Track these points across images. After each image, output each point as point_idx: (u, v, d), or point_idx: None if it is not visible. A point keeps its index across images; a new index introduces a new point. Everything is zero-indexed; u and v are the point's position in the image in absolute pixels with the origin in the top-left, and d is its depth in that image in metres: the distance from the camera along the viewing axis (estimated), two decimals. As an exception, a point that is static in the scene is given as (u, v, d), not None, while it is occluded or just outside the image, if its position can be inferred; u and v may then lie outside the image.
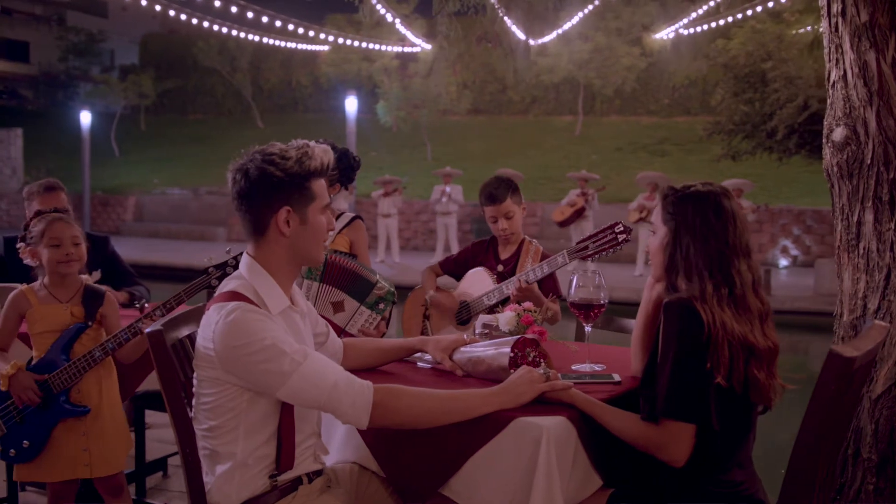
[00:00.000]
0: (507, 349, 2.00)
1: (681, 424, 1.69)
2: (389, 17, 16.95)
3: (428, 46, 22.05)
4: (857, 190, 2.34)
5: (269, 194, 1.77)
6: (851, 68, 2.34)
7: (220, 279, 2.56)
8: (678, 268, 1.85)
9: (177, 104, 27.93)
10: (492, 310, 3.17)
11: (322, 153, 1.83)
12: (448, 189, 14.07)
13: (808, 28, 12.16)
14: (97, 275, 3.76)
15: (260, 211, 1.79)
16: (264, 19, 15.21)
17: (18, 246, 2.76)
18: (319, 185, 1.84)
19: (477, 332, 2.41)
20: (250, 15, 14.82)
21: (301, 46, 20.77)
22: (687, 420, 1.69)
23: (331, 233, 3.23)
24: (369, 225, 17.84)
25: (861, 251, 2.34)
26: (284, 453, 1.79)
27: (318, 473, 1.92)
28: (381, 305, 2.86)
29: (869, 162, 2.30)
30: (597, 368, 2.19)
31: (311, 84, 26.04)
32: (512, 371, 1.98)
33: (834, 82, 2.43)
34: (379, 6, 15.96)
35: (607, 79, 21.35)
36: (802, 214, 14.23)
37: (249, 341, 1.67)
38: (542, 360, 2.02)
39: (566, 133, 22.91)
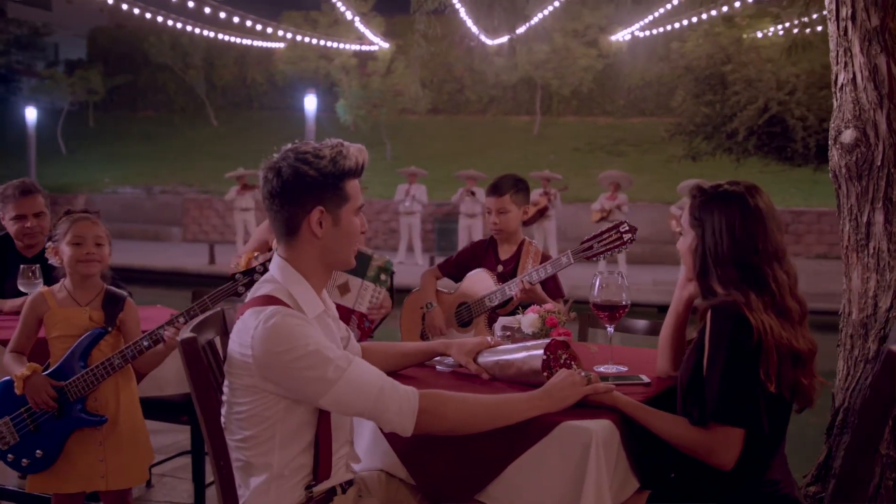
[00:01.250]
0: (539, 352, 1.98)
1: (731, 429, 1.69)
2: (349, 16, 16.80)
3: (386, 45, 21.94)
4: (867, 191, 2.39)
5: (302, 194, 1.71)
6: (861, 71, 2.39)
7: (248, 286, 2.47)
8: (711, 274, 1.84)
9: (127, 100, 27.15)
10: (493, 311, 3.15)
11: (357, 152, 1.77)
12: (412, 189, 14.00)
13: (771, 32, 12.49)
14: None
15: (292, 211, 1.72)
16: (222, 15, 14.89)
17: (46, 245, 2.65)
18: (353, 185, 1.78)
19: (498, 334, 2.38)
20: (207, 10, 14.50)
21: (257, 43, 20.41)
22: (738, 425, 1.69)
23: None
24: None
25: (871, 251, 2.39)
26: (322, 463, 1.73)
27: (350, 483, 1.87)
28: (383, 277, 2.82)
29: (879, 164, 2.35)
30: (621, 370, 2.18)
31: (266, 82, 25.61)
32: (545, 374, 1.96)
33: (842, 85, 2.47)
34: (339, 4, 15.82)
35: (564, 79, 21.56)
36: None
37: (291, 347, 1.60)
38: (573, 362, 2.00)
39: (524, 133, 23.05)
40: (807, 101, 10.09)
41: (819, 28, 13.09)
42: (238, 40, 19.88)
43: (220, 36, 19.03)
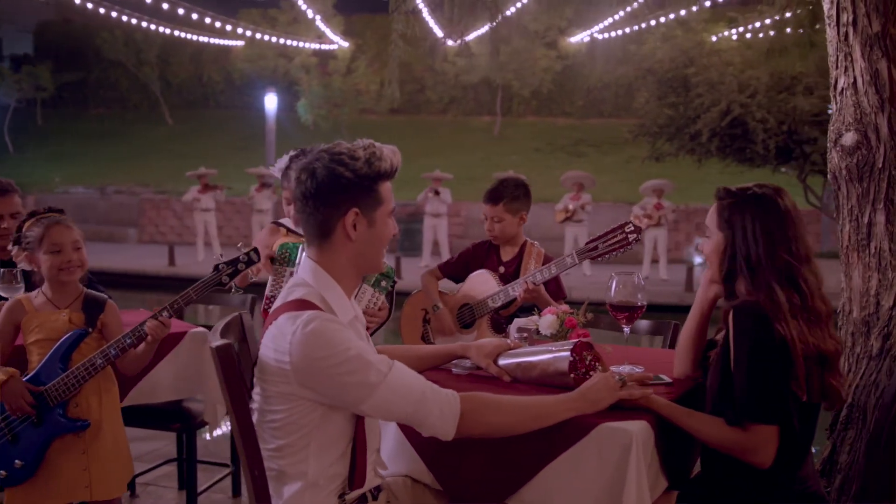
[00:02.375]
0: (566, 353, 1.98)
1: (766, 427, 1.71)
2: (310, 14, 16.64)
3: (345, 44, 21.80)
4: (868, 192, 2.45)
5: (337, 196, 1.67)
6: (862, 76, 2.45)
7: (232, 276, 2.42)
8: (738, 275, 1.87)
9: (77, 98, 26.34)
10: (496, 312, 3.15)
11: (391, 154, 1.74)
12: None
13: (729, 34, 12.76)
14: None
15: (327, 213, 1.69)
16: (181, 11, 14.60)
17: (11, 248, 2.54)
18: (387, 188, 1.75)
19: (514, 336, 2.37)
20: (165, 6, 14.18)
21: (214, 41, 20.05)
22: (771, 422, 1.71)
23: None
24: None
25: (872, 251, 2.45)
26: (358, 470, 1.69)
27: (378, 489, 1.84)
28: (384, 283, 2.78)
29: (881, 166, 2.42)
30: (637, 370, 2.19)
31: (223, 80, 25.15)
32: (572, 376, 1.96)
33: (843, 89, 2.53)
34: (300, 2, 15.65)
35: (525, 80, 21.72)
36: (715, 214, 14.91)
37: (332, 352, 1.57)
38: (597, 363, 2.01)
39: (485, 133, 23.14)
40: (767, 103, 10.35)
41: (773, 32, 13.49)
42: (194, 37, 19.51)
43: (177, 33, 18.66)
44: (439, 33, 19.42)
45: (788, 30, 4.54)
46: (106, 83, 26.32)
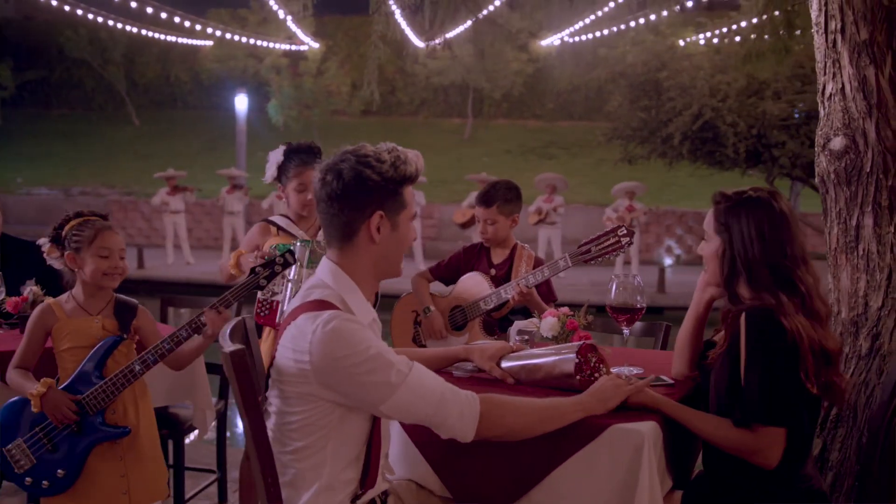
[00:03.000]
0: (572, 355, 1.99)
1: (774, 429, 1.74)
2: (281, 14, 16.47)
3: (316, 45, 21.63)
4: (856, 195, 2.51)
5: (363, 198, 1.67)
6: (850, 82, 2.51)
7: (269, 278, 2.39)
8: (738, 278, 1.90)
9: (40, 97, 25.71)
10: (489, 314, 3.16)
11: (415, 158, 1.75)
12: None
13: (698, 38, 12.95)
14: (31, 283, 3.43)
15: (352, 215, 1.68)
16: (149, 10, 14.34)
17: (41, 242, 2.49)
18: (409, 192, 1.76)
19: (515, 339, 2.38)
20: (134, 4, 13.92)
21: (182, 40, 19.73)
22: (780, 424, 1.74)
23: (320, 234, 3.11)
24: (261, 227, 17.29)
25: (861, 253, 2.51)
26: (371, 473, 1.69)
27: (386, 493, 1.83)
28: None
29: (868, 170, 2.48)
30: (634, 371, 2.22)
31: (191, 80, 24.75)
32: (577, 377, 1.97)
33: (831, 95, 2.59)
34: (272, 2, 15.49)
35: (496, 83, 21.79)
36: (685, 216, 15.16)
37: (353, 352, 1.56)
38: (601, 365, 2.03)
39: (456, 136, 23.17)
40: (737, 108, 10.54)
41: (738, 38, 13.73)
42: (162, 37, 19.19)
43: (144, 32, 18.33)
44: (413, 37, 19.44)
45: (767, 36, 4.63)
46: (69, 82, 25.75)
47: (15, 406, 2.37)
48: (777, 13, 4.87)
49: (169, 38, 19.55)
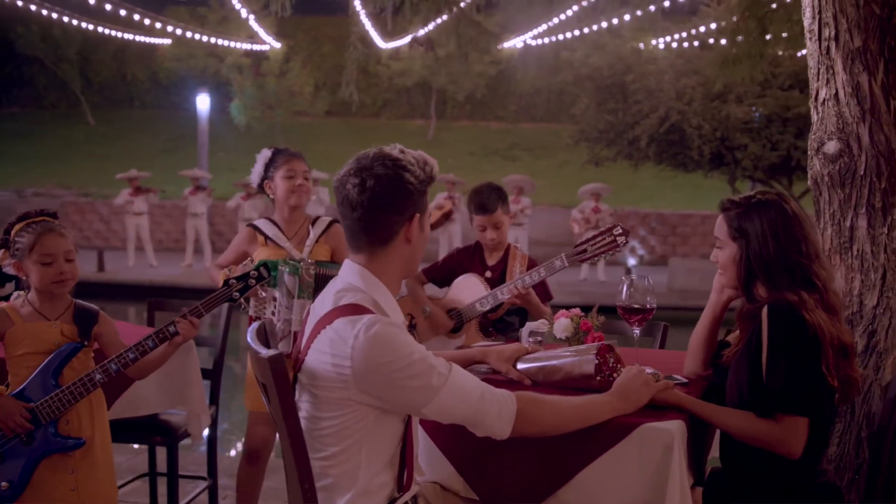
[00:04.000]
0: (591, 356, 2.01)
1: (798, 419, 1.79)
2: (244, 13, 16.26)
3: (278, 45, 21.42)
4: (850, 198, 2.59)
5: (405, 202, 1.67)
6: (844, 88, 2.59)
7: (242, 291, 2.37)
8: (756, 279, 1.95)
9: (-11, 95, 25.01)
10: (485, 316, 3.17)
11: (432, 159, 1.76)
12: (318, 191, 13.78)
13: (660, 43, 13.18)
14: (10, 287, 3.33)
15: (393, 218, 1.68)
16: (108, 7, 13.98)
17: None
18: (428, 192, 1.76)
19: (528, 340, 2.39)
20: (91, 1, 13.57)
21: (140, 38, 19.32)
22: (804, 414, 1.79)
23: (307, 241, 3.09)
24: (223, 229, 17.03)
25: (855, 253, 2.59)
26: (407, 475, 1.69)
27: (416, 497, 1.83)
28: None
29: (862, 173, 2.56)
30: (648, 371, 2.25)
31: (148, 79, 24.30)
32: (598, 378, 1.99)
33: (824, 100, 2.67)
34: (235, 1, 15.28)
35: (460, 84, 21.88)
36: (648, 217, 15.43)
37: (397, 357, 1.56)
38: (619, 365, 2.05)
39: (419, 137, 23.17)
40: (702, 111, 10.78)
41: (696, 43, 14.05)
42: (118, 34, 18.76)
43: (99, 29, 17.90)
44: (377, 37, 19.37)
45: (740, 38, 4.75)
46: (20, 80, 25.01)
47: None
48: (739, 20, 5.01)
49: (126, 35, 19.16)
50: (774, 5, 4.85)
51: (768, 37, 4.93)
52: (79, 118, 23.88)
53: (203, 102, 16.27)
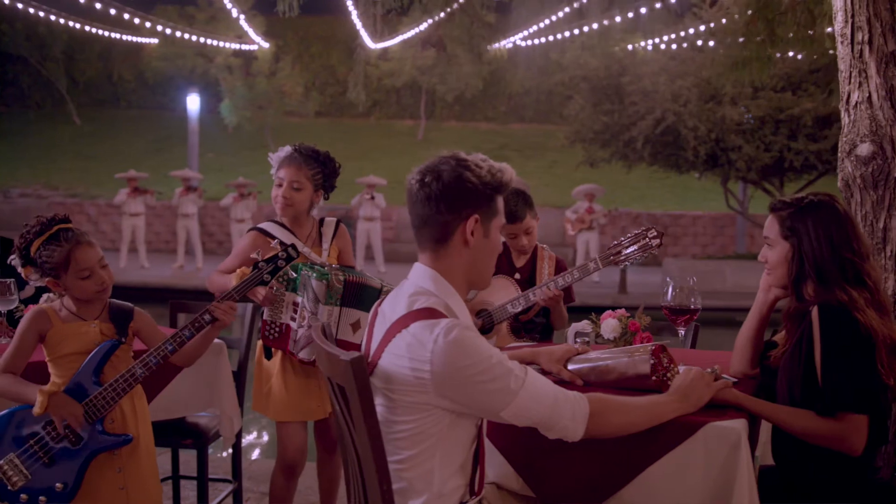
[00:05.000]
0: (646, 356, 2.03)
1: (859, 416, 1.82)
2: (235, 13, 16.18)
3: (266, 45, 21.31)
4: (883, 199, 2.64)
5: (462, 200, 1.69)
6: (878, 91, 2.63)
7: (272, 273, 2.35)
8: (807, 279, 1.98)
9: (-28, 94, 24.62)
10: (516, 318, 3.17)
11: (509, 169, 1.77)
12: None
13: (647, 44, 13.26)
14: (30, 289, 3.30)
15: (450, 217, 1.69)
16: (97, 5, 13.84)
17: (12, 263, 2.35)
18: (501, 201, 1.77)
19: (576, 341, 2.41)
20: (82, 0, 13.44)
21: (127, 37, 19.13)
22: (864, 412, 1.82)
23: (323, 244, 3.06)
24: (213, 230, 16.92)
25: (888, 254, 2.63)
26: (480, 478, 1.69)
27: (480, 500, 1.83)
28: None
29: (895, 175, 2.60)
30: (708, 369, 2.26)
31: (134, 79, 24.04)
32: (653, 378, 2.01)
33: (857, 103, 2.71)
34: (227, 1, 15.21)
35: (450, 85, 21.88)
36: (639, 217, 15.52)
37: (476, 361, 1.57)
38: (672, 365, 2.07)
39: (409, 137, 23.17)
40: (698, 112, 10.87)
41: (685, 44, 14.16)
42: (105, 33, 18.56)
43: (86, 28, 17.71)
44: (366, 37, 19.32)
45: (741, 39, 4.80)
46: (4, 79, 24.66)
47: (5, 419, 2.24)
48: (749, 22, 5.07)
49: (113, 34, 18.97)
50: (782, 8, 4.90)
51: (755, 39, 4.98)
52: (64, 118, 23.60)
53: (193, 102, 16.14)
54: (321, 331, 1.88)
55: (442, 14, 18.15)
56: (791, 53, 8.66)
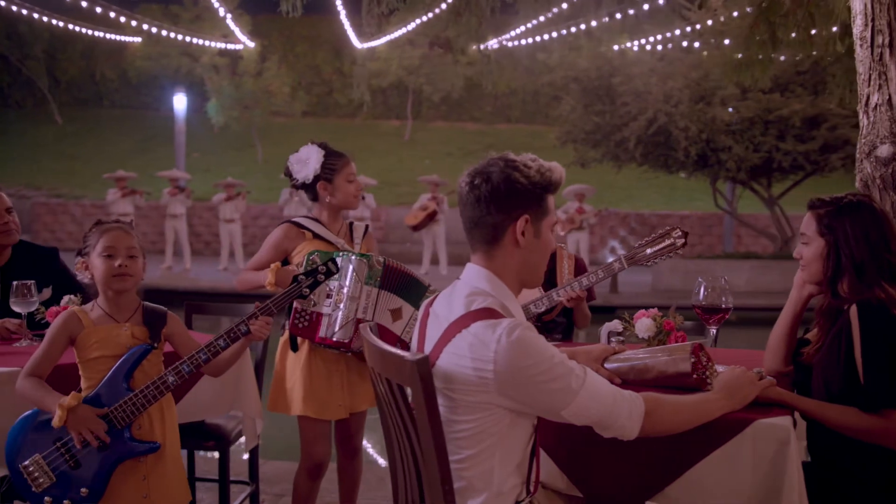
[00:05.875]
0: (686, 355, 2.05)
1: None
2: (222, 12, 16.07)
3: (251, 44, 21.19)
4: (902, 200, 2.69)
5: (512, 200, 1.70)
6: (898, 94, 2.68)
7: (311, 287, 2.34)
8: (844, 276, 2.01)
9: (-49, 93, 24.23)
10: (539, 318, 3.19)
11: (558, 167, 1.78)
12: (297, 193, 13.66)
13: (634, 45, 13.37)
14: (48, 292, 3.27)
15: (500, 218, 1.71)
16: (84, 3, 13.68)
17: (76, 259, 2.36)
18: (552, 200, 1.78)
19: (612, 340, 2.43)
20: (68, -2, 13.28)
21: (114, 36, 18.92)
22: None
23: (355, 239, 3.07)
24: (201, 231, 16.80)
25: (908, 254, 2.68)
26: (536, 477, 1.70)
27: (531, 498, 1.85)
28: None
29: (915, 176, 2.65)
30: (720, 369, 2.30)
31: (117, 78, 23.77)
32: (694, 376, 2.04)
33: (876, 105, 2.76)
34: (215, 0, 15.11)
35: (436, 85, 21.89)
36: (627, 217, 15.64)
37: (538, 360, 1.58)
38: (711, 363, 2.10)
39: (396, 137, 23.14)
40: (689, 113, 10.98)
41: (669, 45, 14.29)
42: (88, 31, 18.35)
43: (69, 26, 17.49)
44: (353, 37, 19.28)
45: (725, 41, 4.85)
46: (-16, 78, 24.36)
47: (30, 420, 2.22)
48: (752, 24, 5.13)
49: (96, 33, 18.75)
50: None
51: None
52: (46, 117, 23.28)
53: (180, 102, 16.01)
54: (370, 329, 1.89)
55: (435, 11, 18.17)
56: (783, 57, 8.77)
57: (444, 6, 15.75)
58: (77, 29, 17.83)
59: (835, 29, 4.68)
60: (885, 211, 2.07)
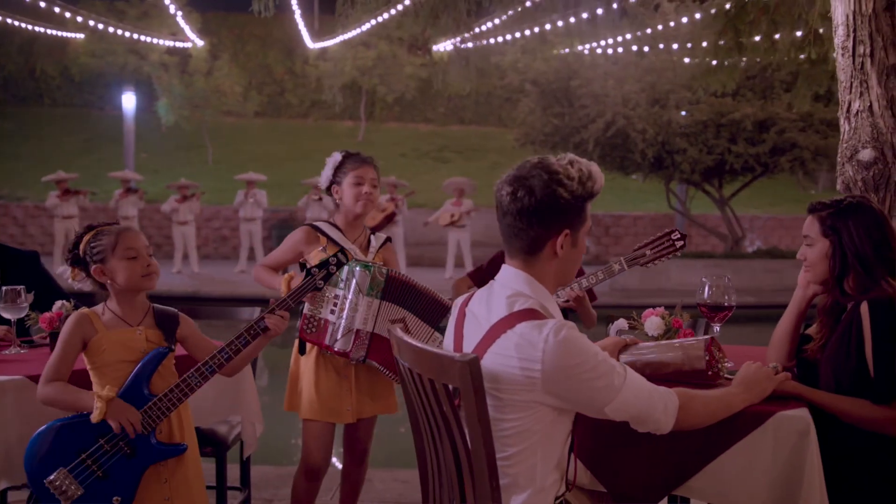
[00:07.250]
0: (701, 352, 2.13)
1: None
2: (172, 9, 15.73)
3: (200, 42, 20.78)
4: (884, 202, 2.83)
5: (554, 216, 1.71)
6: (879, 101, 2.83)
7: (325, 279, 2.34)
8: (849, 274, 2.12)
9: None
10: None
11: (599, 174, 1.78)
12: (255, 194, 13.45)
13: (585, 48, 13.58)
14: (30, 297, 3.17)
15: (540, 232, 1.72)
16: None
17: (60, 271, 2.30)
18: (589, 206, 1.81)
19: (623, 338, 2.48)
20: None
21: (52, 32, 18.29)
22: None
23: (371, 247, 3.06)
24: (152, 233, 16.38)
25: (889, 255, 2.83)
26: (576, 472, 1.75)
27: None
28: (443, 323, 2.78)
29: (895, 179, 2.80)
30: (728, 365, 2.39)
31: (59, 75, 22.98)
32: (709, 372, 2.12)
33: (858, 111, 2.90)
34: (165, -4, 14.77)
35: (391, 86, 21.84)
36: (582, 218, 15.85)
37: (584, 359, 1.62)
38: (723, 357, 2.18)
39: (349, 138, 22.98)
40: (646, 115, 11.24)
41: (620, 49, 14.61)
42: (27, 26, 17.67)
43: (8, 20, 16.84)
44: (307, 37, 19.11)
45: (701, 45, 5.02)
46: (-88, 74, 23.24)
47: (48, 433, 2.18)
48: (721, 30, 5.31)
49: (36, 28, 18.08)
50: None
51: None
52: (-19, 115, 22.41)
53: (129, 101, 15.61)
54: (402, 330, 1.90)
55: (398, 8, 18.08)
56: (744, 60, 9.06)
57: (400, 7, 15.74)
58: (15, 23, 17.17)
59: (799, 34, 4.87)
60: (884, 212, 2.19)
